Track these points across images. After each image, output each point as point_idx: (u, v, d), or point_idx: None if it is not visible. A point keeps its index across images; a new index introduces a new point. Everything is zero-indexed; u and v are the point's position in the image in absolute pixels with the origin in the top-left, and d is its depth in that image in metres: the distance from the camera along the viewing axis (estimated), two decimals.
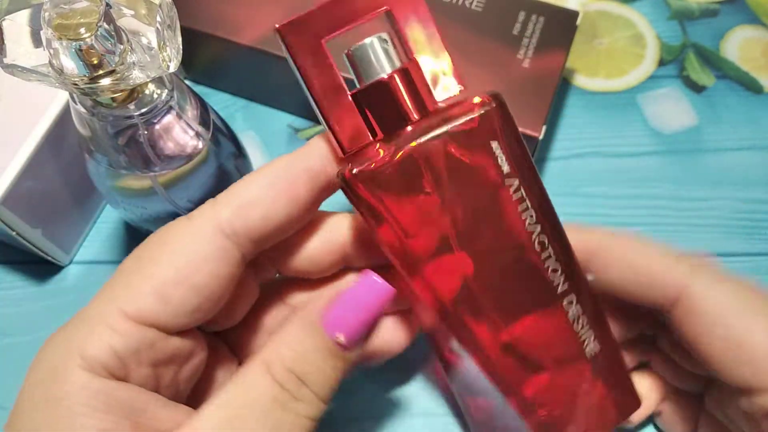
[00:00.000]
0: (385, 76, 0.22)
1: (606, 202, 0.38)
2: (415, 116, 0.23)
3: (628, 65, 0.43)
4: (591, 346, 0.25)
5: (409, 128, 0.22)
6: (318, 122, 0.41)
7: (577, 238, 0.24)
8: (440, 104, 0.24)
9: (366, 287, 0.21)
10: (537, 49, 0.36)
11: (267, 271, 0.26)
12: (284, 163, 0.23)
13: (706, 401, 0.26)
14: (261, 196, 0.22)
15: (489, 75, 0.36)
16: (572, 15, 0.37)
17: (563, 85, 0.42)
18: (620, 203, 0.38)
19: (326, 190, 0.24)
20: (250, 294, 0.26)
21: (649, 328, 0.28)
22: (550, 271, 0.24)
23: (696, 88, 0.42)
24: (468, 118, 0.22)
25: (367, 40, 0.22)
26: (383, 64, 0.22)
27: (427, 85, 0.23)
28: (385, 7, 0.23)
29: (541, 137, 0.34)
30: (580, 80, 0.42)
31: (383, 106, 0.22)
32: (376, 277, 0.21)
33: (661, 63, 0.43)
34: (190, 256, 0.21)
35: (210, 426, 0.19)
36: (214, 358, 0.25)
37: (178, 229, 0.22)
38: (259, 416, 0.19)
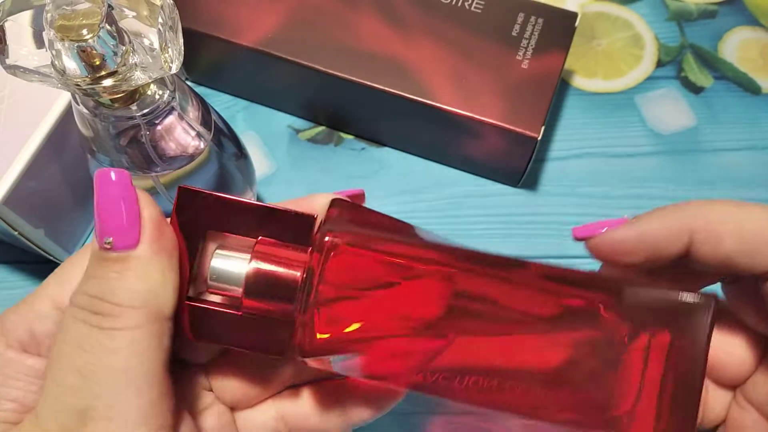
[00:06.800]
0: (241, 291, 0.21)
1: (604, 203, 0.38)
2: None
3: (626, 66, 0.43)
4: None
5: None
6: (317, 123, 0.41)
7: (672, 219, 0.22)
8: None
9: (98, 181, 0.20)
10: (536, 50, 0.36)
11: None
12: None
13: None
14: None
15: (488, 76, 0.36)
16: (571, 16, 0.38)
17: (562, 86, 0.42)
18: (618, 203, 0.38)
19: None
20: None
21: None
22: None
23: (694, 88, 0.42)
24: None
25: (213, 263, 0.21)
26: (238, 271, 0.21)
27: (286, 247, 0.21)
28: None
29: (539, 138, 0.34)
30: (579, 81, 0.42)
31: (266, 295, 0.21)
32: (105, 168, 0.21)
33: (660, 64, 0.43)
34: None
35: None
36: None
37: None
38: (68, 344, 0.20)
